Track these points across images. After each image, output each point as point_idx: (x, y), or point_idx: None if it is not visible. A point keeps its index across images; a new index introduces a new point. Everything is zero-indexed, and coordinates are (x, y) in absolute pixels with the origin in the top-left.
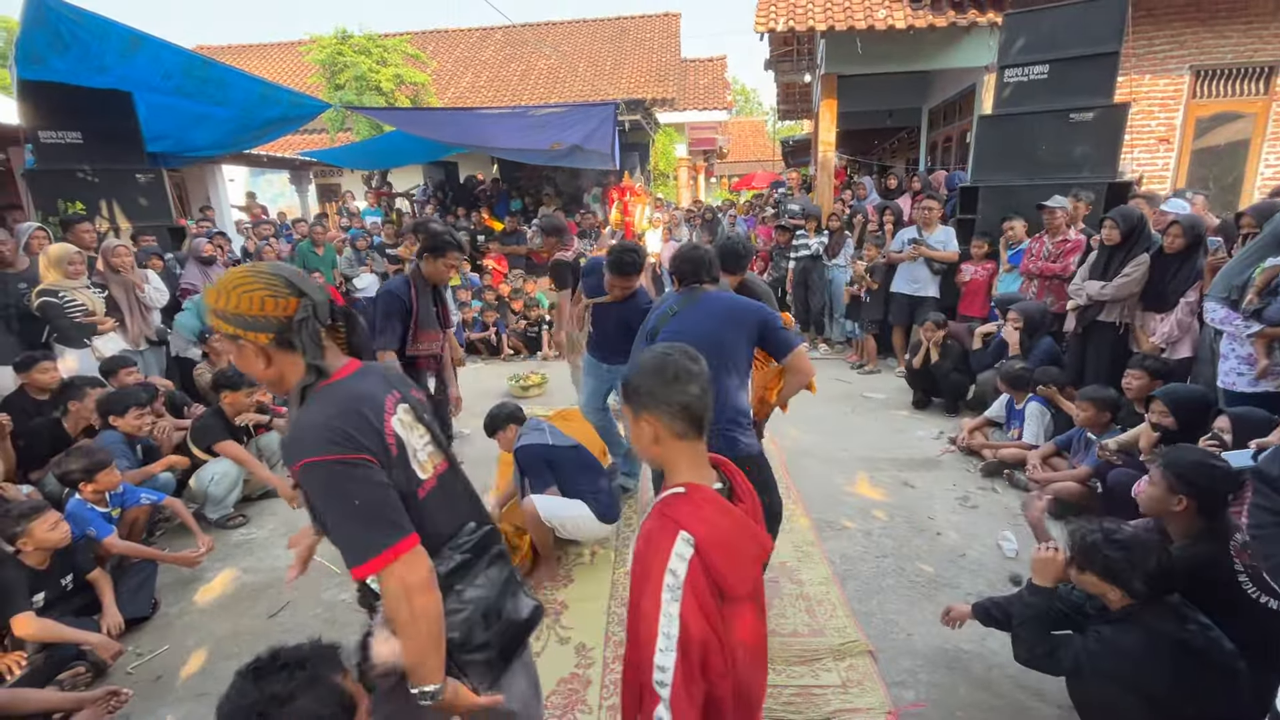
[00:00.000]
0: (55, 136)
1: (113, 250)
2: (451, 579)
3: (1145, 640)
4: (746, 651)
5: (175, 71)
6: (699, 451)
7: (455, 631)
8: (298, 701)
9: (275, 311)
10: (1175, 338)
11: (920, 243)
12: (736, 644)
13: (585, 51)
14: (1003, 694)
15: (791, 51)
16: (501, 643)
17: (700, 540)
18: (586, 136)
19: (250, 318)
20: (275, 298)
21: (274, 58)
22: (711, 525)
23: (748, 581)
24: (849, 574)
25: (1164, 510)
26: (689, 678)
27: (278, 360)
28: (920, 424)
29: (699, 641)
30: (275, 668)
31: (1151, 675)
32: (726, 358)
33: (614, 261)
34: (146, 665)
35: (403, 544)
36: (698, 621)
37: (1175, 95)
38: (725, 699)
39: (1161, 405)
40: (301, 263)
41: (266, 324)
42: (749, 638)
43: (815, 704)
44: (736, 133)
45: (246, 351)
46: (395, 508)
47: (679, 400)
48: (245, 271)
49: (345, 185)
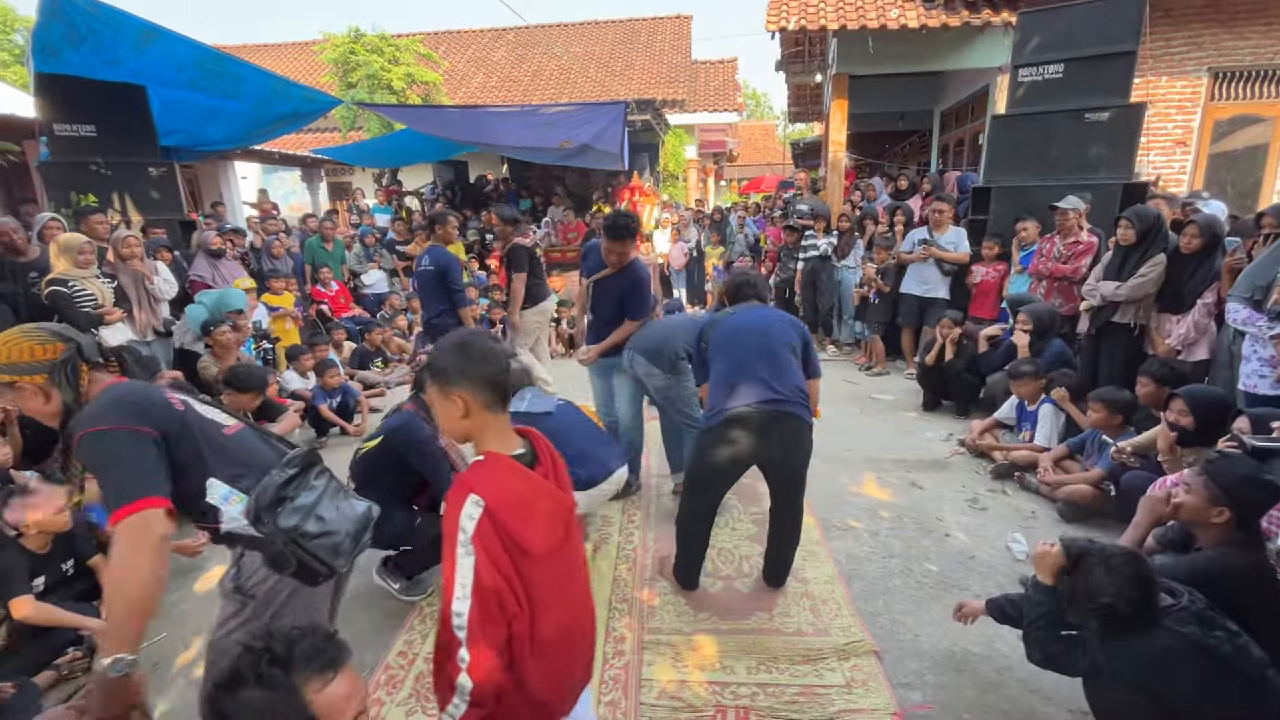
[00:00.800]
0: (69, 129)
1: (122, 240)
2: (285, 489)
3: (1166, 641)
4: (563, 597)
5: (189, 65)
6: (504, 422)
7: (296, 520)
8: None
9: (44, 356)
10: (1191, 339)
11: (930, 243)
12: (550, 591)
13: (596, 53)
14: (1012, 697)
15: (802, 52)
16: (345, 527)
17: (490, 501)
18: (596, 136)
19: (23, 364)
20: (42, 345)
21: (288, 57)
22: (502, 487)
23: (546, 536)
24: (855, 574)
25: (1202, 520)
26: (485, 621)
27: (54, 397)
28: (929, 426)
29: (492, 589)
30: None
31: (1172, 679)
32: (782, 341)
33: (609, 225)
34: (144, 651)
35: (151, 501)
36: (489, 572)
37: (1193, 97)
38: (522, 636)
39: (1181, 404)
40: (310, 258)
41: (39, 367)
42: (564, 585)
43: (818, 703)
44: (747, 136)
45: (25, 394)
46: (154, 471)
47: (487, 374)
48: (14, 330)
49: (356, 184)
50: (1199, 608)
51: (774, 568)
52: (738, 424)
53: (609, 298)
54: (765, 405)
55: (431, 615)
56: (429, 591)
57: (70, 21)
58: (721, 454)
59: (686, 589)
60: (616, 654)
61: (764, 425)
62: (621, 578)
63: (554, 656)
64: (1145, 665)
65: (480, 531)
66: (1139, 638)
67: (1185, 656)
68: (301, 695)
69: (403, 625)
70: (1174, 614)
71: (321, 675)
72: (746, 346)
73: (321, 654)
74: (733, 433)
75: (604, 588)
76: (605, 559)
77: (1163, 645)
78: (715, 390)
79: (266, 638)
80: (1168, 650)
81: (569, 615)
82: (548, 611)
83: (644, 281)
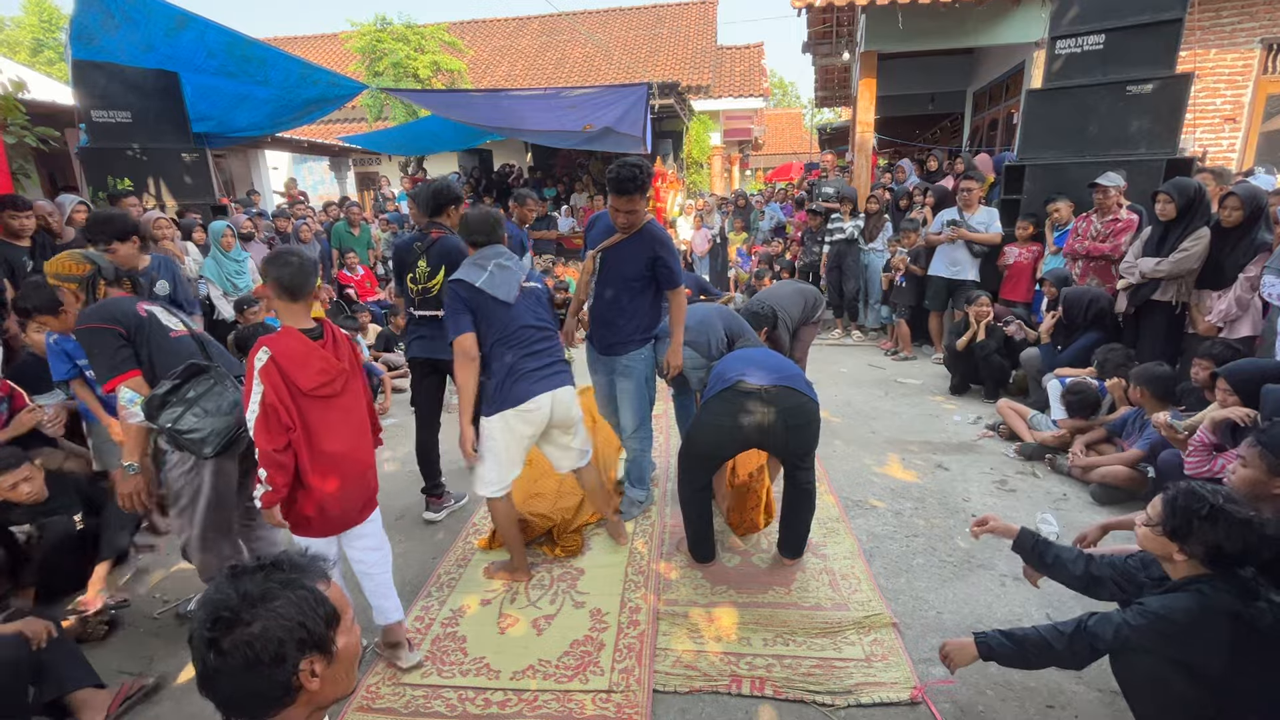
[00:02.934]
0: (106, 115)
1: (154, 221)
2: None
3: (1196, 609)
4: (337, 431)
5: (219, 50)
6: (296, 310)
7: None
8: (274, 602)
9: (77, 271)
10: (1234, 316)
11: (960, 224)
12: (322, 422)
13: (621, 39)
14: (1039, 674)
15: (830, 31)
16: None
17: (275, 352)
18: (618, 119)
19: (65, 275)
20: (77, 264)
21: (317, 47)
22: (284, 346)
23: (313, 380)
24: (877, 551)
25: (1263, 493)
26: (265, 426)
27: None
28: (957, 409)
29: (270, 404)
30: (253, 568)
31: (1201, 646)
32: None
33: (613, 179)
34: (170, 609)
35: (121, 377)
36: (269, 394)
37: (1244, 70)
38: (300, 446)
39: (1225, 383)
40: (337, 243)
41: (74, 278)
42: (338, 422)
43: (836, 676)
44: (772, 124)
45: (68, 296)
46: (126, 358)
47: (277, 276)
48: (65, 253)
49: (383, 172)
50: (1244, 576)
51: (788, 538)
52: (743, 396)
53: (621, 269)
54: (771, 384)
55: (449, 583)
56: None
57: (105, 8)
58: (723, 424)
59: (702, 562)
60: (632, 624)
61: (769, 399)
62: (638, 551)
63: (334, 473)
64: (1170, 629)
65: (265, 370)
66: (1170, 601)
67: (1214, 621)
68: (321, 592)
69: (421, 591)
70: (1210, 581)
71: (323, 578)
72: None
73: (312, 561)
74: (737, 402)
75: (621, 560)
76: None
77: (1190, 608)
78: (720, 374)
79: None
80: (1195, 614)
81: (345, 444)
82: (323, 437)
83: (666, 241)
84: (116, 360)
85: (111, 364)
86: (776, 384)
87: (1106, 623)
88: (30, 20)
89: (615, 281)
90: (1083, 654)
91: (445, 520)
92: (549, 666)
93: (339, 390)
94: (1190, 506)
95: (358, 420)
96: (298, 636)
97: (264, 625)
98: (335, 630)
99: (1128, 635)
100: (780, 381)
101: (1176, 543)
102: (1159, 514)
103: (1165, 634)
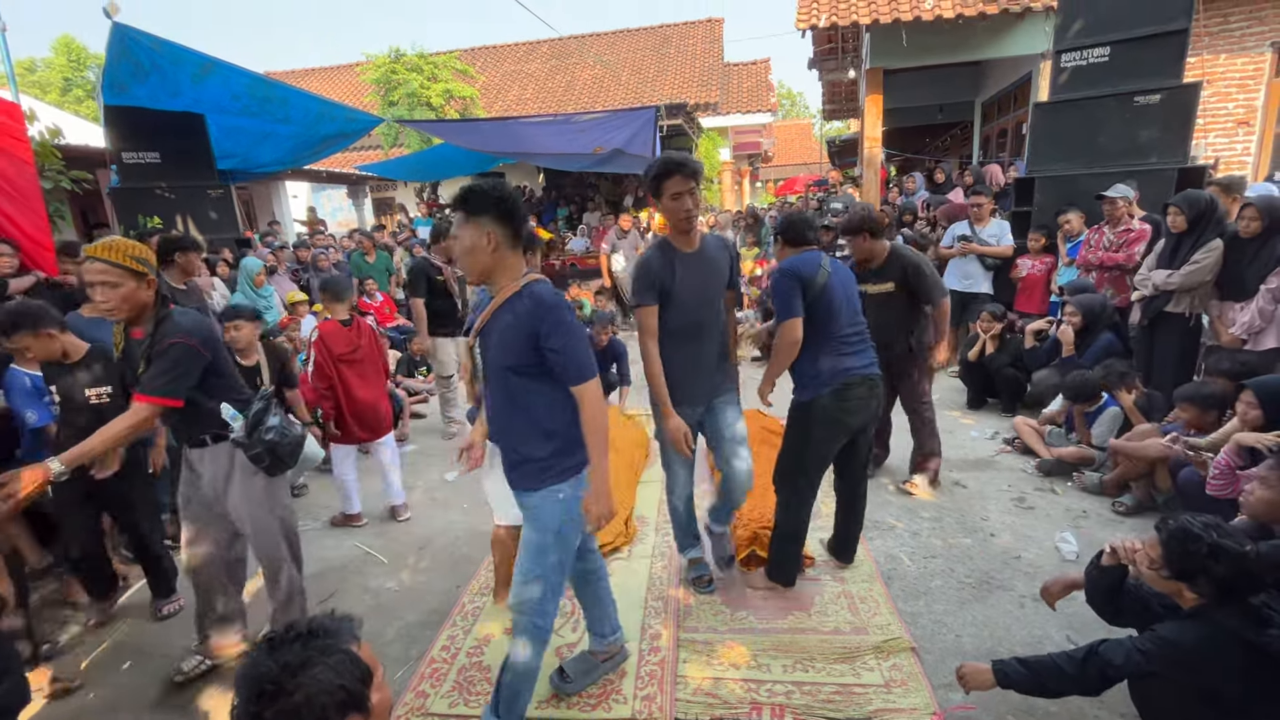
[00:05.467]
0: (136, 157)
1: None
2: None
3: (1208, 637)
4: (360, 384)
5: (242, 92)
6: (337, 308)
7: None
8: (314, 669)
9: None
10: (1258, 327)
11: (970, 239)
12: (351, 376)
13: (629, 60)
14: (1060, 700)
15: (835, 49)
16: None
17: (322, 333)
18: (628, 141)
19: (142, 258)
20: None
21: (334, 79)
22: (328, 330)
23: (342, 349)
24: (894, 573)
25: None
26: (317, 375)
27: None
28: (974, 424)
29: (319, 363)
30: (289, 638)
31: (1214, 672)
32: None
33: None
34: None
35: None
36: (318, 357)
37: (1256, 74)
38: (338, 391)
39: (1250, 396)
40: (356, 270)
41: (149, 265)
42: (360, 379)
43: (856, 702)
44: (782, 136)
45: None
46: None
47: (326, 287)
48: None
49: (399, 199)
50: (1255, 603)
51: (845, 539)
52: (849, 393)
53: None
54: (869, 371)
55: (474, 612)
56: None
57: (136, 59)
58: (839, 426)
59: (789, 586)
60: (653, 650)
61: (871, 393)
62: (657, 575)
63: (361, 408)
64: (1183, 658)
65: (316, 343)
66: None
67: (1227, 648)
68: (355, 653)
69: (446, 620)
70: (1221, 609)
71: (353, 639)
72: (842, 304)
73: (342, 624)
74: (846, 403)
75: (641, 584)
76: (641, 558)
77: (1201, 637)
78: (819, 353)
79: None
80: (1207, 642)
81: (368, 394)
82: (353, 386)
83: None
84: (181, 385)
85: (175, 387)
86: (870, 369)
87: (1118, 649)
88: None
89: (494, 373)
90: (1096, 680)
91: (466, 550)
92: (573, 695)
93: (360, 358)
94: (1188, 548)
95: (374, 376)
96: (339, 699)
97: (307, 694)
98: (370, 688)
99: (1139, 661)
100: (872, 362)
101: (1184, 583)
102: (1160, 558)
103: (1177, 661)
